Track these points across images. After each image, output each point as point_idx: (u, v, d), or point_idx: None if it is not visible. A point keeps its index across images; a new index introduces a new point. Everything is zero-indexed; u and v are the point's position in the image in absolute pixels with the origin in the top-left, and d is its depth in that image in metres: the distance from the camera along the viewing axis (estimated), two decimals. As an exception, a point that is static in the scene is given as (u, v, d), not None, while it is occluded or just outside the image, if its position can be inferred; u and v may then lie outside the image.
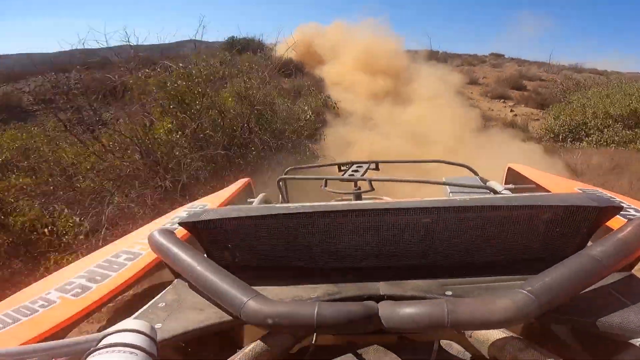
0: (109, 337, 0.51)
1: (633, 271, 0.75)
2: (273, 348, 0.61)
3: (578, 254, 0.63)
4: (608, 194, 1.34)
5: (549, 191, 1.52)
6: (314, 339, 0.67)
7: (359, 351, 0.64)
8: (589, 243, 0.78)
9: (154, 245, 0.81)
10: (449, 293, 0.69)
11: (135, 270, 0.99)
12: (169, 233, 0.82)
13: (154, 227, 1.09)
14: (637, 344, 0.55)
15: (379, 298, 0.67)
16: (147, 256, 1.04)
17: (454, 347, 0.66)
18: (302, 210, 0.78)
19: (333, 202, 0.98)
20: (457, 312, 0.53)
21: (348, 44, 12.60)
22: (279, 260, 0.83)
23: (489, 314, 0.53)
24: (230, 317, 0.66)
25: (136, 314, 0.72)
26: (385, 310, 0.58)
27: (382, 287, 0.72)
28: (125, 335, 0.51)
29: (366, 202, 0.87)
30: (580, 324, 0.60)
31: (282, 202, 1.96)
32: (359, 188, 1.72)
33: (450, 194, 1.68)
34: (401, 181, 1.76)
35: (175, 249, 0.76)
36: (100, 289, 0.92)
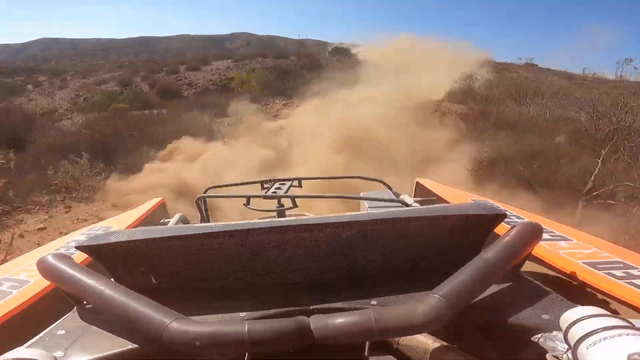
0: None
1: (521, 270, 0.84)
2: None
3: (475, 258, 0.69)
4: (495, 203, 1.48)
5: (449, 202, 1.65)
6: (248, 358, 0.64)
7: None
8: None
9: (46, 271, 0.74)
10: (374, 302, 0.72)
11: (24, 299, 0.89)
12: (65, 257, 0.75)
13: (41, 254, 0.94)
14: (537, 340, 0.59)
15: (308, 312, 0.68)
16: (37, 284, 0.95)
17: (385, 357, 0.68)
18: (225, 229, 0.75)
19: (257, 220, 0.98)
20: (383, 321, 0.56)
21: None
22: (201, 281, 0.80)
23: (411, 319, 0.56)
24: (149, 343, 0.61)
25: (29, 342, 0.66)
26: (316, 323, 0.58)
27: (311, 302, 0.73)
28: None
29: (290, 219, 0.88)
30: (486, 323, 0.67)
31: (201, 222, 1.92)
32: (282, 205, 1.74)
33: (369, 208, 1.75)
34: (323, 197, 1.82)
35: (75, 274, 0.69)
36: None
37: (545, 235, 1.01)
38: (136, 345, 0.62)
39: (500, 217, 0.84)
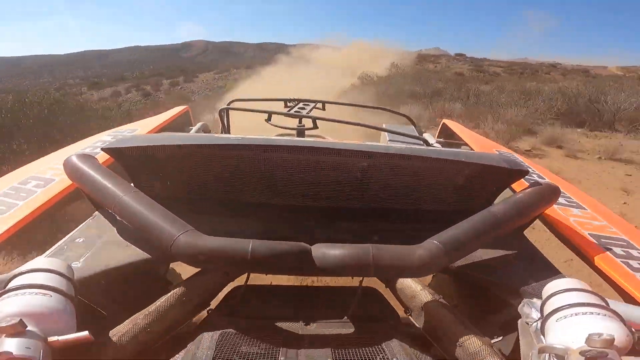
0: (17, 278, 0.47)
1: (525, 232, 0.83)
2: (204, 287, 0.59)
3: (483, 211, 0.68)
4: (520, 158, 1.42)
5: (473, 149, 1.58)
6: (246, 280, 0.65)
7: (288, 292, 0.66)
8: (496, 201, 0.84)
9: (70, 171, 0.72)
10: (376, 238, 0.72)
11: (46, 199, 0.86)
12: (89, 158, 0.73)
13: (70, 152, 0.90)
14: (516, 303, 0.58)
15: (312, 239, 0.66)
16: (61, 183, 0.92)
17: (376, 294, 0.71)
18: (243, 142, 0.74)
19: (275, 137, 0.94)
20: (380, 258, 0.56)
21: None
22: (214, 193, 0.79)
23: (407, 262, 0.56)
24: (159, 253, 0.62)
25: (49, 250, 0.66)
26: (317, 252, 0.58)
27: (316, 227, 0.74)
28: (37, 276, 0.46)
29: (308, 140, 0.83)
30: (477, 280, 0.67)
31: (222, 133, 1.89)
32: (304, 125, 1.70)
33: (389, 141, 1.72)
34: (344, 123, 1.74)
35: (97, 177, 0.67)
36: (5, 220, 0.78)
37: (560, 199, 0.99)
38: (148, 257, 0.63)
39: (522, 173, 0.81)
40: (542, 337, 0.50)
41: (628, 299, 0.70)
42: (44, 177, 0.96)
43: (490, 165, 0.78)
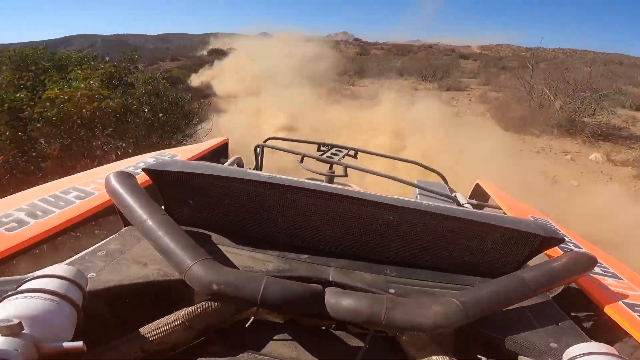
0: (30, 281, 0.48)
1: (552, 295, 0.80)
2: (212, 314, 0.59)
3: (511, 274, 0.69)
4: (555, 225, 1.38)
5: (505, 213, 1.57)
6: (257, 312, 0.64)
7: (295, 332, 0.65)
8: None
9: (109, 187, 0.76)
10: (392, 291, 0.71)
11: (83, 211, 0.91)
12: (128, 177, 0.78)
13: (115, 168, 1.02)
14: None
15: (327, 283, 0.69)
16: (99, 197, 0.97)
17: (383, 343, 0.68)
18: (274, 181, 0.76)
19: (305, 180, 0.95)
20: (393, 312, 0.56)
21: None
22: (238, 225, 0.81)
23: (421, 318, 0.56)
24: (173, 277, 0.64)
25: (71, 259, 0.68)
26: (330, 297, 0.59)
27: (332, 274, 0.73)
28: (49, 281, 0.47)
29: (335, 187, 0.84)
30: (491, 338, 0.64)
31: (255, 169, 2.00)
32: (334, 172, 1.77)
33: (418, 196, 1.70)
34: (376, 174, 1.78)
35: (130, 195, 0.72)
36: (39, 225, 0.83)
37: (595, 269, 0.97)
38: (162, 279, 0.64)
39: (555, 241, 0.80)
40: None
41: None
42: (85, 189, 1.03)
43: (523, 231, 0.77)
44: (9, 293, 0.45)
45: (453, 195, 1.78)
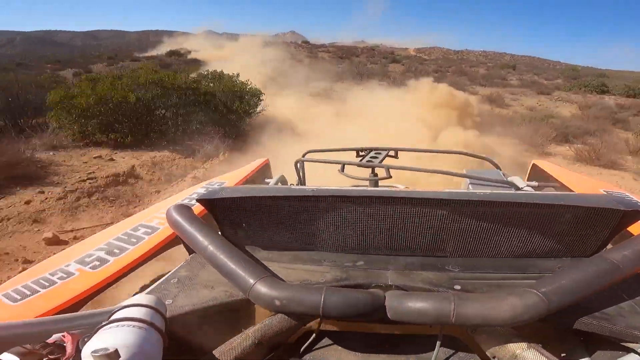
0: (120, 311, 0.52)
1: None
2: (279, 329, 0.60)
3: (596, 256, 0.64)
4: (634, 197, 1.30)
5: (573, 190, 1.51)
6: (320, 323, 0.65)
7: (362, 340, 0.65)
8: (609, 246, 0.76)
9: (170, 220, 0.82)
10: (458, 287, 0.68)
11: (152, 245, 1.01)
12: (185, 209, 0.83)
13: (172, 202, 1.14)
14: (638, 349, 0.55)
15: (387, 287, 0.68)
16: (164, 231, 1.07)
17: (457, 343, 0.65)
18: (318, 194, 0.78)
19: (349, 187, 0.97)
20: (463, 308, 0.53)
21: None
22: (292, 241, 0.83)
23: (495, 312, 0.53)
24: (239, 297, 0.68)
25: (149, 288, 0.74)
26: (391, 300, 0.58)
27: (391, 277, 0.72)
28: (136, 310, 0.52)
29: (383, 190, 0.84)
30: (587, 326, 0.58)
31: (298, 184, 2.01)
32: (376, 175, 1.74)
33: (470, 186, 1.63)
34: (420, 170, 1.67)
35: (190, 226, 0.77)
36: (118, 262, 0.94)
37: None
38: (229, 299, 0.68)
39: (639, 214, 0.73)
40: None
41: None
42: (151, 225, 1.14)
43: (597, 207, 0.71)
44: (103, 323, 0.49)
45: (509, 179, 1.69)
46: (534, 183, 1.79)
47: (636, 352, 0.56)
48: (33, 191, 4.19)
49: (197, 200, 0.85)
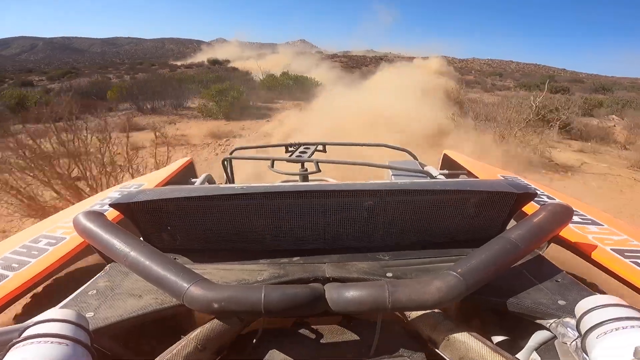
0: (32, 327, 0.47)
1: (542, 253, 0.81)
2: (221, 332, 0.59)
3: (498, 237, 0.68)
4: (525, 181, 1.42)
5: (477, 177, 1.61)
6: (263, 322, 0.65)
7: (306, 333, 0.66)
8: (508, 227, 0.83)
9: (80, 228, 0.75)
10: (390, 275, 0.71)
11: (59, 256, 0.89)
12: (98, 215, 0.76)
13: (79, 209, 1.00)
14: (548, 325, 0.59)
15: (324, 280, 0.69)
16: (72, 241, 0.94)
17: (397, 329, 0.67)
18: (248, 191, 0.76)
19: (279, 183, 0.95)
20: (397, 294, 0.56)
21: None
22: (223, 242, 0.81)
23: (425, 295, 0.56)
24: (172, 303, 0.64)
25: (63, 302, 0.67)
26: (331, 292, 0.59)
27: (328, 270, 0.73)
28: (52, 325, 0.47)
29: (312, 184, 0.85)
30: (499, 304, 0.64)
31: (226, 183, 1.94)
32: (306, 169, 1.75)
33: (393, 177, 1.71)
34: (347, 163, 1.76)
35: (106, 233, 0.71)
36: (19, 277, 0.82)
37: (575, 218, 1.00)
38: (161, 307, 0.63)
39: (530, 196, 0.81)
40: (584, 355, 0.48)
41: None
42: (54, 235, 0.99)
43: (497, 191, 0.79)
44: (14, 341, 0.44)
45: (425, 169, 1.78)
46: (445, 171, 1.86)
47: (546, 328, 0.60)
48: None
49: (112, 205, 0.78)
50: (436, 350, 0.60)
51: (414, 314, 0.64)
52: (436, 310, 0.63)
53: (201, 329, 0.59)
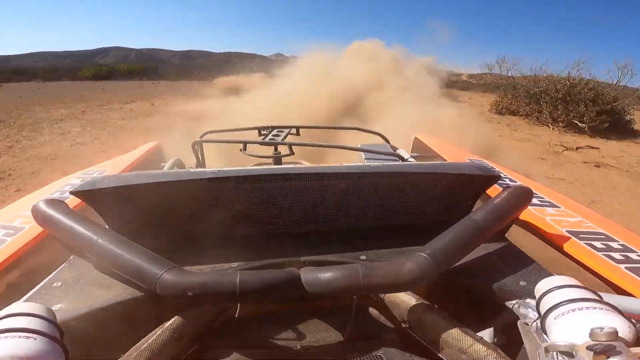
0: None
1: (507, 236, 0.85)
2: (195, 321, 0.58)
3: (464, 218, 0.70)
4: (490, 164, 1.48)
5: (446, 160, 1.64)
6: (238, 309, 0.64)
7: (283, 319, 0.65)
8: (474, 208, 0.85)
9: (40, 218, 0.71)
10: (363, 257, 0.73)
11: (18, 247, 0.84)
12: (58, 203, 0.73)
13: (37, 198, 0.93)
14: (511, 306, 0.60)
15: (300, 265, 0.69)
16: (32, 230, 0.90)
17: (370, 311, 0.68)
18: (220, 175, 0.74)
19: (252, 167, 0.95)
20: (370, 277, 0.56)
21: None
22: (195, 228, 0.78)
23: (397, 276, 0.57)
24: (143, 293, 0.62)
25: (26, 296, 0.65)
26: (306, 276, 0.58)
27: (303, 254, 0.73)
28: (17, 320, 0.45)
29: (285, 167, 0.87)
30: (468, 286, 0.68)
31: (197, 167, 1.90)
32: (279, 152, 1.74)
33: (365, 160, 1.72)
34: (320, 146, 1.77)
35: (69, 221, 0.67)
36: None
37: (534, 200, 1.04)
38: (131, 296, 0.61)
39: (494, 178, 0.85)
40: (544, 335, 0.50)
41: (617, 291, 0.72)
42: (12, 225, 0.94)
43: (464, 173, 0.81)
44: None
45: (397, 152, 1.78)
46: (416, 154, 1.89)
47: (511, 309, 0.60)
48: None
49: (74, 193, 0.74)
50: (409, 331, 0.63)
51: (387, 297, 0.67)
52: (409, 293, 0.65)
53: (176, 318, 0.58)
